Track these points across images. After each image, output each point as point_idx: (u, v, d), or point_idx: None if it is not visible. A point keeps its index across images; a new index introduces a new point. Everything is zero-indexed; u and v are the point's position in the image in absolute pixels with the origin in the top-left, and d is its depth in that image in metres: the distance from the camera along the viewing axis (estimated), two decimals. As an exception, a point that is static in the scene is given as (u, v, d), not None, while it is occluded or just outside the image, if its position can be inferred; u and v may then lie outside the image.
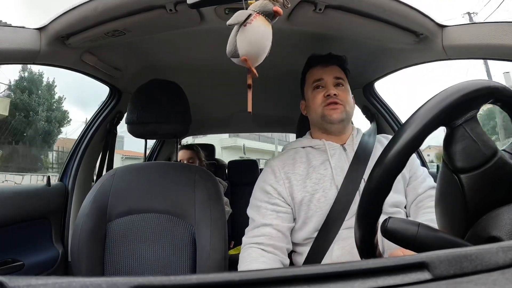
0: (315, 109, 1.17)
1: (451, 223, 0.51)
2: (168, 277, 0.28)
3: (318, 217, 1.04)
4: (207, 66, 1.64)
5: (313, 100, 1.18)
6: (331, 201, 1.04)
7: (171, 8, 0.96)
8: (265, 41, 0.63)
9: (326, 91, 1.15)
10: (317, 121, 1.18)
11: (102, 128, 1.67)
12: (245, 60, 0.61)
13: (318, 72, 1.19)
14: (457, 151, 0.48)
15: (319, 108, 1.15)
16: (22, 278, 0.26)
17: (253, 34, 0.61)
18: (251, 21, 0.60)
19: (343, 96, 1.15)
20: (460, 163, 0.47)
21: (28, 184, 1.50)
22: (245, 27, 0.61)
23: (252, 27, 0.61)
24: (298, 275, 0.29)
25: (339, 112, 1.12)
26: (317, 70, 1.20)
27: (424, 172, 1.19)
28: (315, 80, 1.18)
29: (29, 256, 1.29)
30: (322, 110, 1.14)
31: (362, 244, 0.52)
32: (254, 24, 0.61)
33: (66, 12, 0.98)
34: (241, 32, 0.61)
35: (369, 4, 0.97)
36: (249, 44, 0.61)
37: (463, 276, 0.30)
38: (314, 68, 1.21)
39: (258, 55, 0.63)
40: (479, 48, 0.99)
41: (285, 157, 1.17)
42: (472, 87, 0.47)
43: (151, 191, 1.18)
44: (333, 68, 1.19)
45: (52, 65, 1.16)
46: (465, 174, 0.47)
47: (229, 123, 2.83)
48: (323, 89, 1.16)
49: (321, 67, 1.20)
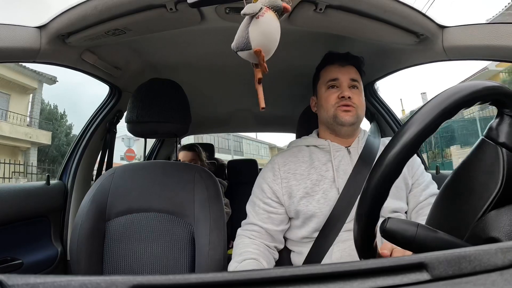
0: (328, 108, 1.15)
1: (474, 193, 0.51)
2: (167, 276, 0.28)
3: (318, 218, 1.04)
4: (207, 65, 1.64)
5: (326, 99, 1.15)
6: (332, 203, 1.04)
7: (171, 7, 0.96)
8: (277, 35, 0.63)
9: (340, 92, 1.13)
10: (327, 121, 1.16)
11: (101, 127, 1.67)
12: (260, 51, 0.60)
13: (334, 71, 1.17)
14: (506, 131, 0.49)
15: (331, 108, 1.13)
16: (21, 277, 0.26)
17: (267, 26, 0.60)
18: (263, 14, 0.60)
19: (357, 99, 1.13)
20: (506, 140, 0.49)
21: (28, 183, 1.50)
22: (257, 19, 0.60)
23: (265, 19, 0.60)
24: (297, 275, 0.29)
25: (351, 115, 1.11)
26: (333, 68, 1.18)
27: (427, 179, 1.16)
28: (331, 79, 1.16)
29: (28, 254, 1.29)
30: (335, 111, 1.12)
31: (361, 245, 0.52)
32: (266, 17, 0.60)
33: (66, 11, 0.98)
34: (254, 24, 0.60)
35: (369, 5, 0.97)
36: (263, 35, 0.61)
37: (462, 277, 0.30)
38: (331, 66, 1.19)
39: (271, 47, 0.62)
40: (479, 49, 0.99)
41: (288, 154, 1.17)
42: (473, 88, 0.47)
43: (151, 190, 1.18)
44: (350, 68, 1.17)
45: (52, 63, 1.15)
46: (508, 151, 0.48)
47: (229, 122, 2.83)
48: (338, 89, 1.15)
49: (338, 66, 1.17)
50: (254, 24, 0.60)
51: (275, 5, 0.61)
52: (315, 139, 1.19)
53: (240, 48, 0.62)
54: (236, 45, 0.63)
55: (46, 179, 1.49)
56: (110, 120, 1.70)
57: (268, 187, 1.11)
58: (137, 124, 1.22)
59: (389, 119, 1.75)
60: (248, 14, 0.60)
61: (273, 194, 1.10)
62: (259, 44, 0.61)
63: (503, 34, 0.93)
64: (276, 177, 1.11)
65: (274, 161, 1.16)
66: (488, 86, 0.48)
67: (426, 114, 0.47)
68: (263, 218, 1.10)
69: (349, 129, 1.14)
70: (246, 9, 0.60)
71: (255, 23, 0.60)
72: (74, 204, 1.56)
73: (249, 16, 0.61)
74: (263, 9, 0.60)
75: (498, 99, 0.49)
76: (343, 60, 1.18)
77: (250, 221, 1.12)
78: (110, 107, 1.67)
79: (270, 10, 0.61)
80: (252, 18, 0.61)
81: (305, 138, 1.23)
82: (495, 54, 0.98)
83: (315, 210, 1.04)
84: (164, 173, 1.22)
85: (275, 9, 0.62)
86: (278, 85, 1.91)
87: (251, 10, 0.60)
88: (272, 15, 0.61)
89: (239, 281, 0.29)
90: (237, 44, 0.63)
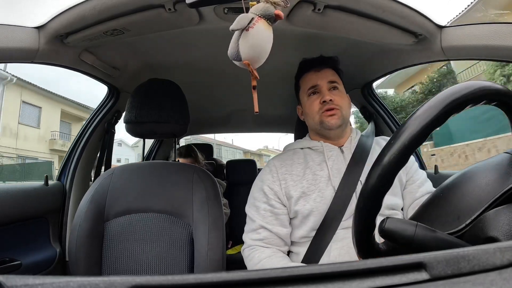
0: (313, 116, 1.16)
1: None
2: (165, 277, 0.28)
3: (315, 216, 1.05)
4: (205, 66, 1.64)
5: (310, 107, 1.17)
6: (328, 201, 1.05)
7: (170, 7, 0.96)
8: (266, 45, 0.64)
9: (321, 97, 1.14)
10: (315, 127, 1.18)
11: (100, 128, 1.67)
12: (248, 64, 0.62)
13: (312, 78, 1.18)
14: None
15: (316, 115, 1.15)
16: (19, 278, 0.26)
17: (255, 39, 0.62)
18: (253, 25, 0.61)
19: (338, 100, 1.14)
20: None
21: (26, 183, 1.50)
22: (247, 32, 0.61)
23: (254, 32, 0.61)
24: (296, 275, 0.29)
25: (336, 118, 1.13)
26: (310, 75, 1.19)
27: (422, 176, 1.18)
28: (310, 87, 1.18)
29: (27, 255, 1.29)
30: (320, 117, 1.14)
31: (359, 243, 0.52)
32: (256, 29, 0.61)
33: (65, 11, 0.98)
34: (244, 37, 0.62)
35: (368, 5, 0.97)
36: (252, 49, 0.62)
37: (461, 276, 0.30)
38: (308, 74, 1.21)
39: (259, 58, 0.64)
40: (477, 49, 1.00)
41: (285, 157, 1.18)
42: (473, 87, 0.47)
43: (149, 191, 1.18)
44: (326, 71, 1.19)
45: (51, 64, 1.15)
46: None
47: (228, 123, 2.83)
48: (319, 95, 1.16)
49: (314, 72, 1.19)
50: (243, 37, 0.62)
51: (267, 13, 0.62)
52: (308, 141, 1.21)
53: (233, 58, 0.64)
54: (229, 55, 0.65)
55: (45, 179, 1.49)
56: (109, 121, 1.70)
57: (269, 188, 1.12)
58: (136, 125, 1.22)
59: (387, 119, 1.76)
60: (237, 29, 0.62)
61: (275, 195, 1.11)
62: (248, 57, 0.62)
63: (501, 34, 0.94)
64: (275, 178, 1.12)
65: (271, 164, 1.17)
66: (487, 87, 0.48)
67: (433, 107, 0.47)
68: (271, 220, 1.09)
69: (337, 131, 1.16)
70: (234, 25, 0.61)
71: (245, 36, 0.62)
72: (72, 204, 1.55)
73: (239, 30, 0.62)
74: (254, 19, 0.61)
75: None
76: (318, 65, 1.20)
77: (258, 225, 1.10)
78: (108, 108, 1.67)
79: (262, 19, 0.62)
80: (242, 31, 0.62)
81: (299, 141, 1.25)
82: (493, 54, 0.98)
83: (312, 208, 1.05)
84: (162, 173, 1.22)
85: (267, 17, 0.62)
86: (276, 86, 1.91)
87: (239, 25, 0.61)
88: (263, 24, 0.62)
89: (238, 281, 0.29)
90: (230, 54, 0.64)
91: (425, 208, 0.58)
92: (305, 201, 1.06)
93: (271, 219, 1.09)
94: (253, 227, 1.11)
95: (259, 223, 1.09)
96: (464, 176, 0.56)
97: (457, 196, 0.53)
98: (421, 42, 1.12)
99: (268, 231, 1.08)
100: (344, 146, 1.17)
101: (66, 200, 1.55)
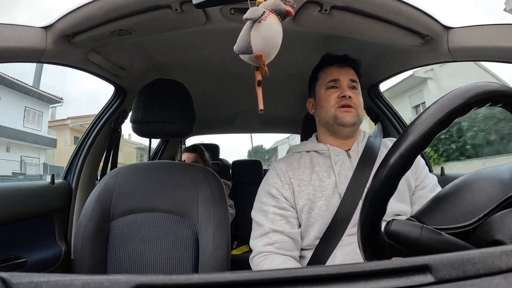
0: (328, 109, 1.13)
1: None
2: (170, 276, 0.28)
3: (319, 225, 1.03)
4: (212, 66, 1.64)
5: (326, 100, 1.14)
6: (334, 210, 1.02)
7: (176, 7, 0.96)
8: (278, 39, 0.63)
9: (341, 92, 1.12)
10: (327, 121, 1.14)
11: (106, 127, 1.68)
12: (260, 56, 0.61)
13: (334, 71, 1.16)
14: None
15: (332, 108, 1.12)
16: (24, 275, 0.26)
17: (268, 31, 0.61)
18: (266, 18, 0.60)
19: (356, 99, 1.13)
20: None
21: (32, 182, 1.51)
22: (259, 24, 0.60)
23: (267, 24, 0.60)
24: (301, 276, 0.29)
25: (352, 115, 1.10)
26: (333, 69, 1.17)
27: (433, 181, 1.14)
28: (331, 80, 1.15)
29: (32, 253, 1.30)
30: (335, 111, 1.11)
31: (365, 246, 0.52)
32: (268, 21, 0.60)
33: (72, 11, 0.99)
34: (256, 28, 0.61)
35: (374, 5, 0.97)
36: (264, 40, 0.61)
37: (466, 280, 0.30)
38: (330, 67, 1.18)
39: (271, 52, 0.63)
40: (485, 50, 0.99)
41: (291, 160, 1.15)
42: (478, 89, 0.47)
43: (155, 190, 1.18)
44: (348, 70, 1.17)
45: (58, 63, 1.16)
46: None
47: (233, 123, 2.83)
48: (338, 89, 1.14)
49: (337, 67, 1.17)
50: (256, 29, 0.61)
51: (278, 8, 0.62)
52: (314, 144, 1.17)
53: (242, 52, 0.63)
54: (238, 48, 0.64)
55: (51, 178, 1.50)
56: (115, 120, 1.70)
57: (278, 192, 1.08)
58: (142, 124, 1.23)
59: (394, 120, 1.75)
60: (250, 19, 0.61)
61: (286, 199, 1.07)
62: (260, 49, 0.61)
63: (509, 35, 0.92)
64: (283, 182, 1.09)
65: (277, 167, 1.13)
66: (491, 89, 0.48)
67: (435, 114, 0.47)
68: (282, 224, 1.05)
69: (349, 130, 1.13)
70: (248, 14, 0.60)
71: (257, 28, 0.61)
72: (78, 203, 1.56)
73: (251, 20, 0.61)
74: (266, 13, 0.60)
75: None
76: (342, 62, 1.18)
77: (267, 229, 1.04)
78: (115, 107, 1.68)
79: (273, 14, 0.61)
80: (254, 22, 0.61)
81: (305, 143, 1.21)
82: (501, 55, 0.97)
83: (316, 217, 1.03)
84: (168, 173, 1.22)
85: (278, 12, 0.62)
86: (282, 86, 1.91)
87: (253, 15, 0.60)
88: (275, 19, 0.61)
89: (243, 281, 0.29)
90: (239, 47, 0.63)
91: (436, 202, 0.58)
92: (310, 209, 1.04)
93: (282, 223, 1.04)
94: (263, 232, 1.05)
95: (269, 226, 1.04)
96: (478, 175, 0.55)
97: (470, 192, 0.53)
98: (428, 43, 1.11)
99: (279, 233, 1.03)
100: (351, 150, 1.14)
101: (72, 198, 1.56)
